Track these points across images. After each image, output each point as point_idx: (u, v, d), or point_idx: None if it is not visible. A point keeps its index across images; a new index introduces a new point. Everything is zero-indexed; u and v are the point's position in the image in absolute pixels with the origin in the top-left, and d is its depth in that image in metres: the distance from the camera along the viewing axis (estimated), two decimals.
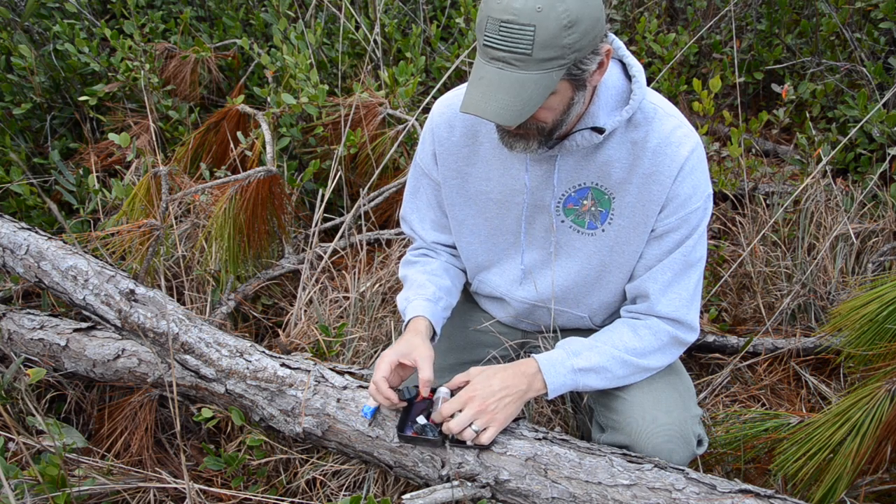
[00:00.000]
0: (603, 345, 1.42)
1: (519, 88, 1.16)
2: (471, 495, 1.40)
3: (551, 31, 1.12)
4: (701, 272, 1.45)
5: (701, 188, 1.37)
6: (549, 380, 1.39)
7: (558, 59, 1.15)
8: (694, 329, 1.46)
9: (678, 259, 1.40)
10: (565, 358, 1.41)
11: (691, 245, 1.40)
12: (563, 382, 1.40)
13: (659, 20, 3.39)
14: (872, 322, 1.64)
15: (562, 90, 1.22)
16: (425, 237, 1.66)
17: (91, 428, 1.94)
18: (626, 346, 1.42)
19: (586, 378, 1.41)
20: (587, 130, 1.32)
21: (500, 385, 1.37)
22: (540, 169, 1.41)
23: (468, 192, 1.52)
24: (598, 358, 1.41)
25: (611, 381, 1.43)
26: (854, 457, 1.43)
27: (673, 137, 1.34)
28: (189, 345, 1.61)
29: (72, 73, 2.92)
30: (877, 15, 2.80)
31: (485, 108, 1.18)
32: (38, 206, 2.50)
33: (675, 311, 1.42)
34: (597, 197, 1.41)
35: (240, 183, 2.13)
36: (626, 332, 1.44)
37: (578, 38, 1.15)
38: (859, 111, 2.53)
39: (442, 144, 1.51)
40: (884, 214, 2.38)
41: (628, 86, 1.35)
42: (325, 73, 2.95)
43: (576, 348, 1.43)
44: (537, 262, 1.53)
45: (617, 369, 1.42)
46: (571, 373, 1.40)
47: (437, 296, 1.55)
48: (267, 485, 1.72)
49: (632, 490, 1.32)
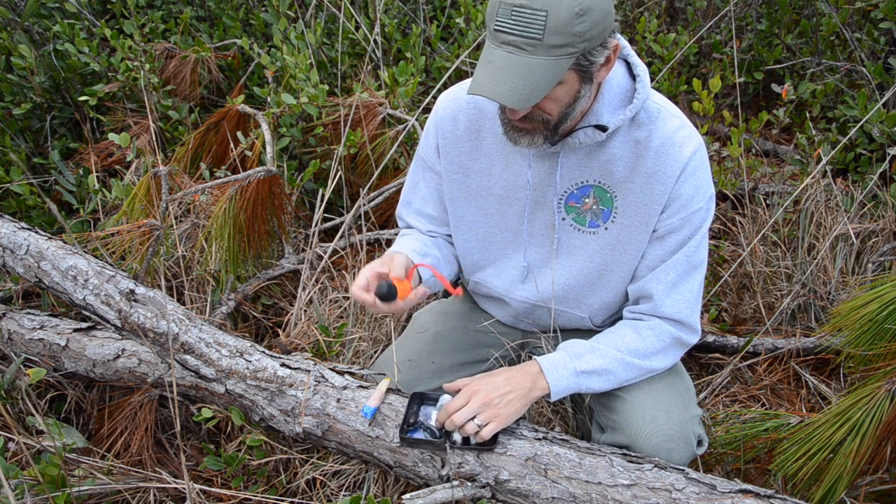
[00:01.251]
0: (605, 347, 1.42)
1: (528, 73, 1.17)
2: (471, 495, 1.40)
3: (563, 17, 1.13)
4: (703, 274, 1.45)
5: (703, 189, 1.37)
6: (552, 382, 1.39)
7: (568, 46, 1.16)
8: (696, 331, 1.47)
9: (681, 260, 1.40)
10: (568, 360, 1.41)
11: (694, 246, 1.40)
12: (567, 385, 1.40)
13: (659, 20, 3.39)
14: (872, 322, 1.64)
15: (569, 81, 1.23)
16: (420, 228, 1.66)
17: (91, 428, 1.94)
18: (629, 348, 1.42)
19: (589, 381, 1.41)
20: (590, 128, 1.33)
21: (505, 381, 1.38)
22: (543, 165, 1.42)
23: (469, 187, 1.52)
24: (600, 361, 1.41)
25: (614, 384, 1.43)
26: (854, 457, 1.43)
27: (676, 137, 1.34)
28: (189, 345, 1.61)
29: (72, 73, 2.92)
30: (877, 15, 2.80)
31: (493, 89, 1.18)
32: (38, 206, 2.50)
33: (679, 312, 1.42)
34: (599, 195, 1.41)
35: (240, 183, 2.13)
36: (629, 334, 1.44)
37: (589, 28, 1.15)
38: (859, 111, 2.53)
39: (445, 137, 1.51)
40: (884, 214, 2.38)
41: (632, 85, 1.36)
42: (325, 73, 2.95)
43: (578, 351, 1.42)
44: (537, 260, 1.52)
45: (620, 371, 1.42)
46: (574, 375, 1.40)
47: (424, 251, 1.54)
48: (267, 485, 1.72)
49: (632, 490, 1.32)
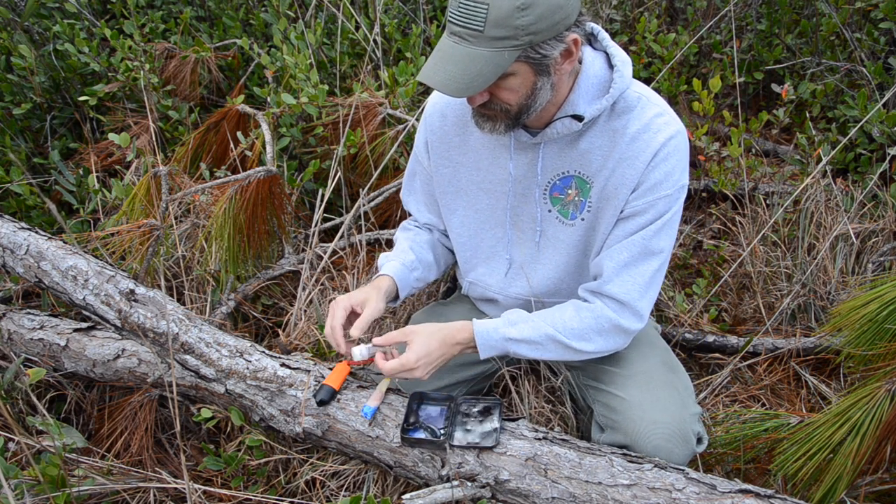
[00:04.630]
0: (541, 321, 1.45)
1: (468, 62, 1.20)
2: (471, 495, 1.40)
3: (504, 10, 1.16)
4: (661, 265, 1.43)
5: (674, 177, 1.37)
6: (480, 342, 1.43)
7: (510, 38, 1.18)
8: (641, 319, 1.45)
9: (637, 242, 1.40)
10: (500, 325, 1.45)
11: (654, 230, 1.39)
12: (494, 346, 1.44)
13: (659, 20, 3.39)
14: (872, 322, 1.64)
15: (522, 73, 1.25)
16: (419, 218, 1.72)
17: (91, 428, 1.94)
18: (565, 326, 1.43)
19: (517, 347, 1.44)
20: (567, 118, 1.35)
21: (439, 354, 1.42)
22: (525, 157, 1.43)
23: (459, 182, 1.54)
24: (530, 332, 1.43)
25: (542, 355, 1.46)
26: (854, 457, 1.43)
27: (653, 125, 1.35)
28: (189, 345, 1.61)
29: (72, 73, 2.92)
30: (877, 15, 2.80)
31: (433, 77, 1.23)
32: (38, 206, 2.50)
33: (625, 293, 1.41)
34: (579, 186, 1.43)
35: (240, 183, 2.12)
36: (570, 312, 1.45)
37: (533, 21, 1.17)
38: (859, 111, 2.52)
39: (434, 133, 1.53)
40: (884, 214, 2.37)
41: (611, 76, 1.37)
42: (325, 73, 2.95)
43: (513, 318, 1.46)
44: (524, 254, 1.54)
45: (549, 346, 1.44)
46: (503, 340, 1.44)
47: (414, 265, 1.61)
48: (266, 485, 1.72)
49: (632, 490, 1.32)
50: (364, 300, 1.48)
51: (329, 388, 1.52)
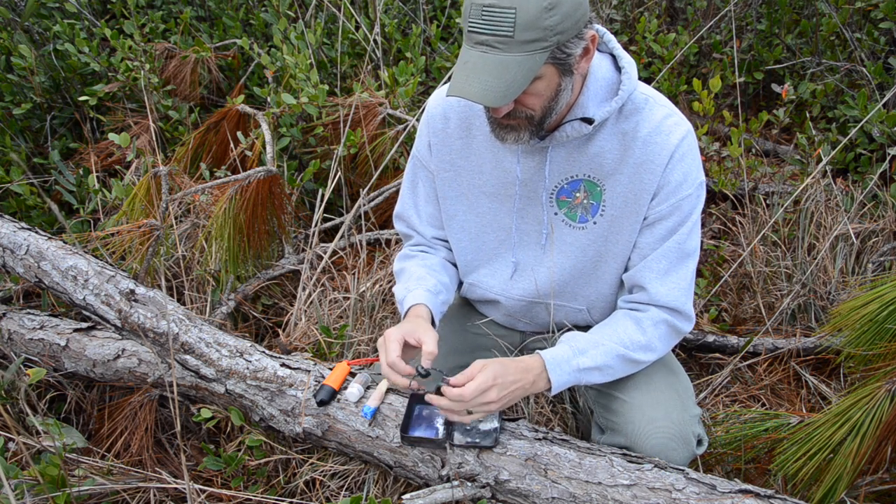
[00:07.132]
0: (608, 342, 1.42)
1: (502, 70, 1.18)
2: (471, 495, 1.40)
3: (532, 12, 1.14)
4: (696, 261, 1.45)
5: (692, 175, 1.37)
6: (554, 378, 1.38)
7: (540, 41, 1.17)
8: (691, 318, 1.46)
9: (673, 248, 1.40)
10: (571, 357, 1.40)
11: (685, 233, 1.40)
12: (567, 380, 1.40)
13: (659, 20, 3.39)
14: (872, 322, 1.64)
15: (548, 75, 1.23)
16: (424, 233, 1.65)
17: (91, 428, 1.94)
18: (632, 341, 1.42)
19: (589, 376, 1.41)
20: (577, 121, 1.34)
21: (514, 379, 1.35)
22: (532, 161, 1.42)
23: (461, 186, 1.53)
24: (603, 357, 1.40)
25: (611, 377, 1.44)
26: (854, 457, 1.43)
27: (663, 126, 1.35)
28: (189, 345, 1.61)
29: (72, 73, 2.92)
30: (877, 15, 2.81)
31: (469, 90, 1.19)
32: (38, 206, 2.50)
33: (674, 300, 1.42)
34: (589, 189, 1.42)
35: (240, 183, 2.13)
36: (630, 327, 1.43)
37: (560, 20, 1.16)
38: (859, 111, 2.53)
39: (437, 135, 1.52)
40: (884, 214, 2.38)
41: (618, 77, 1.36)
42: (325, 73, 2.95)
43: (581, 346, 1.41)
44: (529, 257, 1.53)
45: (619, 366, 1.42)
46: (576, 372, 1.39)
47: (438, 289, 1.55)
48: (266, 485, 1.72)
49: (632, 490, 1.32)
50: (414, 329, 1.40)
51: (329, 388, 1.52)
